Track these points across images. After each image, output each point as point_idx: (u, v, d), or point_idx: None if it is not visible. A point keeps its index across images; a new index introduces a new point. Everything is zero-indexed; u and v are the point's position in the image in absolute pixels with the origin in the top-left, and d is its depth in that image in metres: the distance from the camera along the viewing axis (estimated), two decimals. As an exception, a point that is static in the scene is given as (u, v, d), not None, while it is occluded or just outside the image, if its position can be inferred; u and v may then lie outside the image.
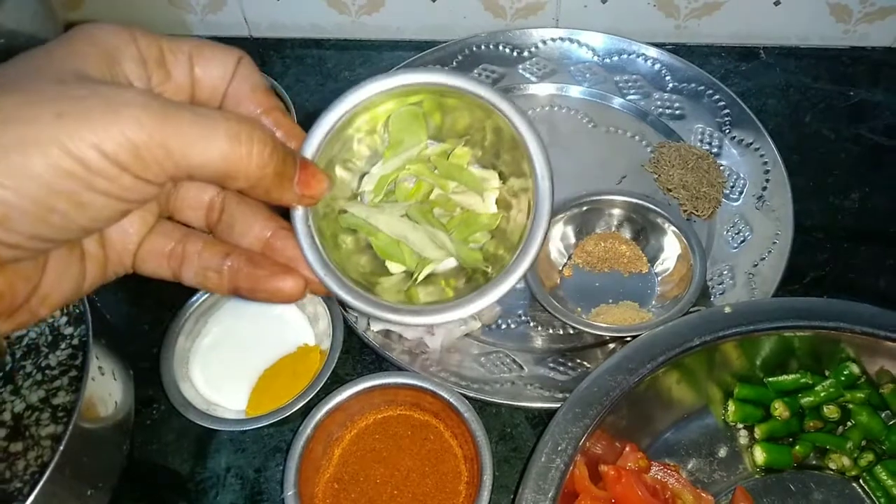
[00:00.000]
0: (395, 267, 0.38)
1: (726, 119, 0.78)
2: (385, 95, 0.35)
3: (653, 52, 0.83)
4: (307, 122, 0.34)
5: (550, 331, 0.68)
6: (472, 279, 0.37)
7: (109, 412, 0.57)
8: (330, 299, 0.65)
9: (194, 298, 0.66)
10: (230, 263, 0.32)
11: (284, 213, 0.33)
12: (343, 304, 0.54)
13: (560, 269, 0.71)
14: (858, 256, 0.72)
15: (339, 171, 0.37)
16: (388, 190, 0.38)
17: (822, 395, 0.59)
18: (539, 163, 0.35)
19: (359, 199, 0.38)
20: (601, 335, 0.65)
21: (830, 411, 0.58)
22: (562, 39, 0.85)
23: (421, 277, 0.37)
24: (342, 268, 0.34)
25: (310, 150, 0.34)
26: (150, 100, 0.26)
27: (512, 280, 0.34)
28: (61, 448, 0.47)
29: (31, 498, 0.45)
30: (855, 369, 0.59)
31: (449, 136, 0.39)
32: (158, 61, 0.30)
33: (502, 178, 0.39)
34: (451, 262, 0.38)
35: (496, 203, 0.39)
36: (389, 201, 0.38)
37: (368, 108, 0.36)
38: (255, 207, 0.33)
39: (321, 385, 0.61)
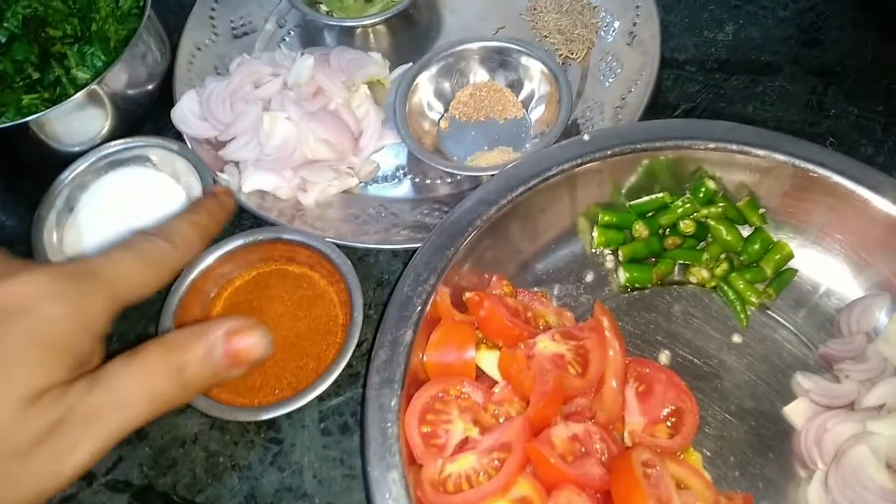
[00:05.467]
0: None
1: (600, -41, 0.77)
2: None
3: None
4: None
5: (427, 181, 0.68)
6: None
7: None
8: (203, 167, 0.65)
9: (63, 175, 0.65)
10: None
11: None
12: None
13: (437, 122, 0.71)
14: (729, 86, 0.73)
15: None
16: None
17: (679, 211, 0.61)
18: None
19: None
20: (474, 175, 0.66)
21: (686, 226, 0.60)
22: None
23: None
24: None
25: None
26: None
27: None
28: None
29: None
30: (711, 185, 0.60)
31: None
32: None
33: None
34: None
35: None
36: None
37: None
38: None
39: (195, 248, 0.61)
